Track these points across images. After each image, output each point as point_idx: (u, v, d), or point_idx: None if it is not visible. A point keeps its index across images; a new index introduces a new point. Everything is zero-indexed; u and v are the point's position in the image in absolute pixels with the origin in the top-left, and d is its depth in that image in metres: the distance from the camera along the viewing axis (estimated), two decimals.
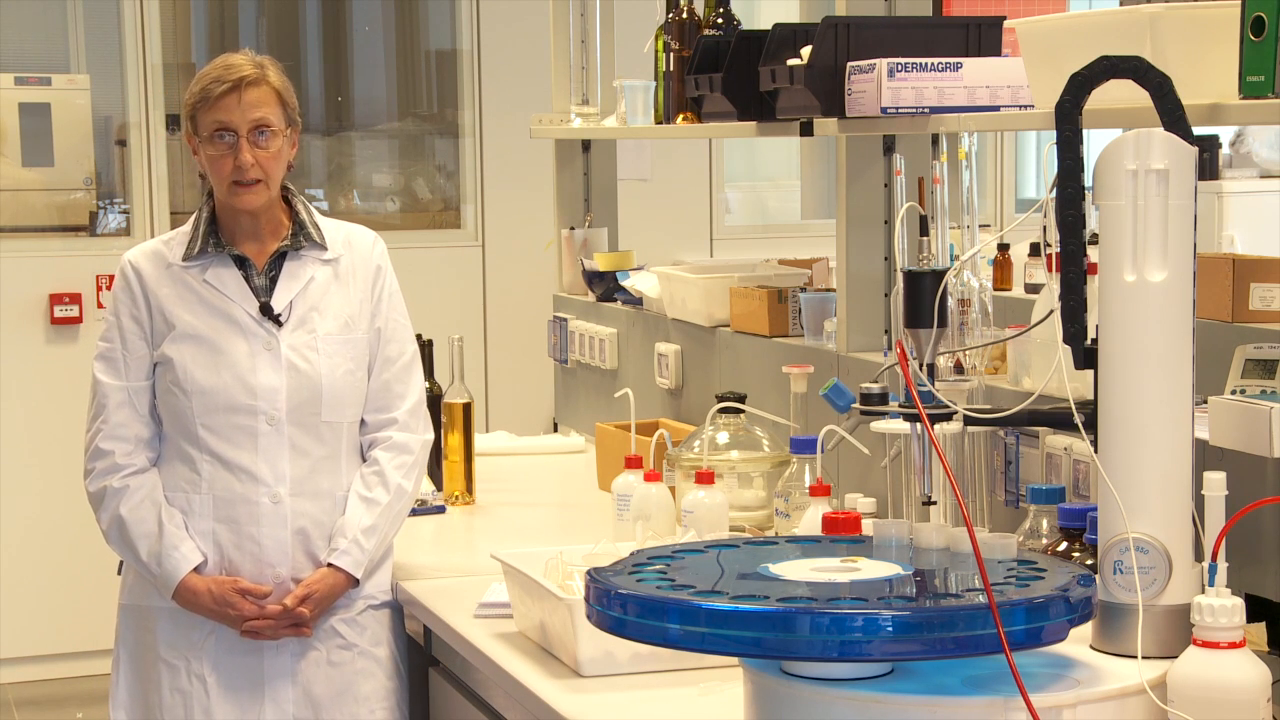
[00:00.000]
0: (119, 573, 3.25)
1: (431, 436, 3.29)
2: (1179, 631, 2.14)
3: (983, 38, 3.28)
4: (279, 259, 3.16)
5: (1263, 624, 2.34)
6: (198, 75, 3.13)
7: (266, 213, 3.15)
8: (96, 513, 3.15)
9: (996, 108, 3.07)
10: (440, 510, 3.87)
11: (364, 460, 3.20)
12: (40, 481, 6.34)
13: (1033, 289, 4.75)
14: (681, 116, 4.09)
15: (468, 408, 3.93)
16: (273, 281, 3.15)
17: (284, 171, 3.14)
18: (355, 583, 3.14)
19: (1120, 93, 2.30)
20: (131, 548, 3.11)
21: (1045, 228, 2.51)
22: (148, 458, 3.15)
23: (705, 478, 3.20)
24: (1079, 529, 2.54)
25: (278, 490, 3.10)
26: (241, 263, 3.15)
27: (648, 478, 3.31)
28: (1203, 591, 2.05)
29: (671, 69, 4.14)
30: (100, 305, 6.37)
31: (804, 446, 3.20)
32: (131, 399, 3.13)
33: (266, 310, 3.12)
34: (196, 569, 3.09)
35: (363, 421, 3.20)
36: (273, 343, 3.11)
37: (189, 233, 3.17)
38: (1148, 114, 2.25)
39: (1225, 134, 7.23)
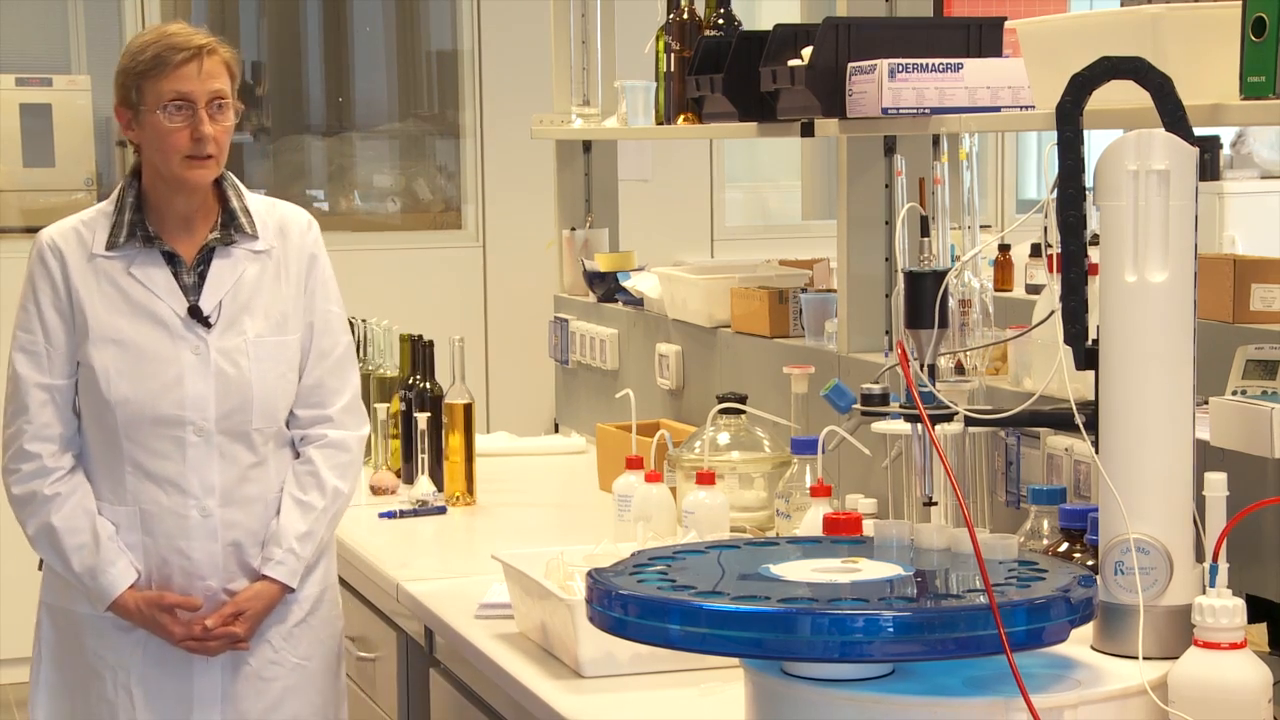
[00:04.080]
0: (39, 568, 3.13)
1: (367, 431, 3.14)
2: (1180, 632, 2.14)
3: (983, 38, 3.29)
4: (208, 254, 2.98)
5: (1264, 625, 2.34)
6: (140, 44, 2.94)
7: (203, 193, 2.97)
8: (21, 518, 3.01)
9: (997, 108, 3.07)
10: (441, 511, 3.87)
11: (296, 455, 3.06)
12: None
13: (1034, 290, 4.75)
14: (682, 117, 4.09)
15: (468, 408, 3.93)
16: (201, 278, 2.97)
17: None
18: (291, 590, 3.02)
19: (1121, 93, 2.30)
20: (63, 558, 2.98)
21: (1046, 228, 2.51)
22: (73, 456, 2.99)
23: (706, 478, 3.20)
24: (1080, 529, 2.54)
25: (206, 503, 2.96)
26: (170, 258, 2.96)
27: (649, 478, 3.31)
28: (1204, 592, 2.05)
29: (672, 69, 4.14)
30: None
31: (805, 447, 3.20)
32: (54, 397, 2.96)
33: (195, 312, 2.94)
34: (132, 585, 2.96)
35: (295, 415, 3.05)
36: (201, 347, 2.94)
37: (111, 215, 2.98)
38: (1149, 115, 2.25)
39: (1226, 135, 7.23)
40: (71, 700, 3.07)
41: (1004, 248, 5.02)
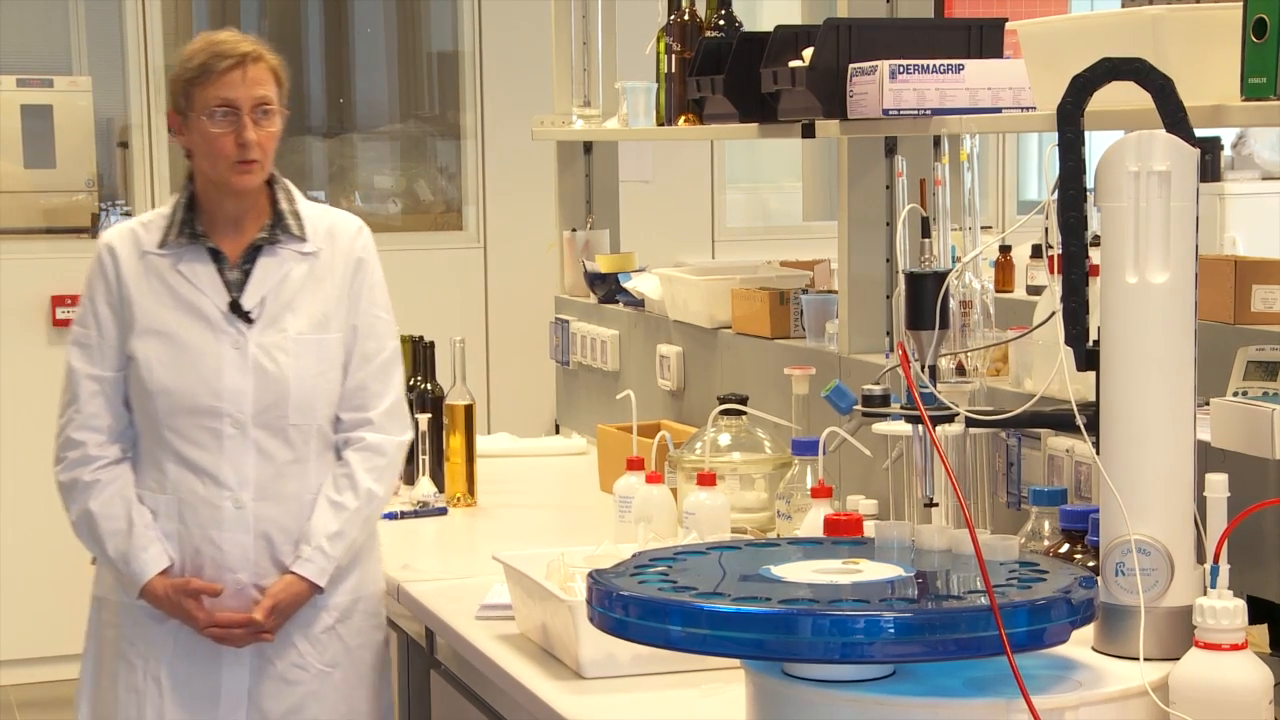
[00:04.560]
0: (93, 563, 3.18)
1: (408, 437, 3.20)
2: (1181, 633, 2.14)
3: (984, 39, 3.29)
4: (255, 252, 3.06)
5: (1264, 626, 2.34)
6: (189, 51, 3.03)
7: (253, 196, 3.05)
8: (66, 504, 3.09)
9: (998, 109, 3.07)
10: (442, 512, 3.87)
11: (339, 458, 3.11)
12: (42, 483, 6.26)
13: (1034, 291, 4.75)
14: (683, 118, 4.09)
15: (469, 409, 3.93)
16: (246, 275, 3.05)
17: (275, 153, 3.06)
18: (320, 590, 3.06)
19: (1122, 94, 2.30)
20: (99, 543, 3.05)
21: (1047, 229, 2.51)
22: (120, 448, 3.07)
23: (707, 479, 3.20)
24: (1081, 530, 2.54)
25: (240, 495, 3.02)
26: (216, 255, 3.05)
27: (649, 479, 3.31)
28: (1204, 593, 2.05)
29: (673, 70, 4.14)
30: None
31: (806, 448, 3.20)
32: (104, 389, 3.06)
33: (236, 307, 3.03)
34: (164, 572, 3.02)
35: (339, 419, 3.10)
36: (241, 341, 3.02)
37: (167, 216, 3.07)
38: (1149, 116, 2.25)
39: (1227, 136, 7.23)
40: (103, 689, 3.13)
41: (1005, 249, 5.02)
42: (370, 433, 3.10)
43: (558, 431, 5.09)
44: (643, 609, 2.09)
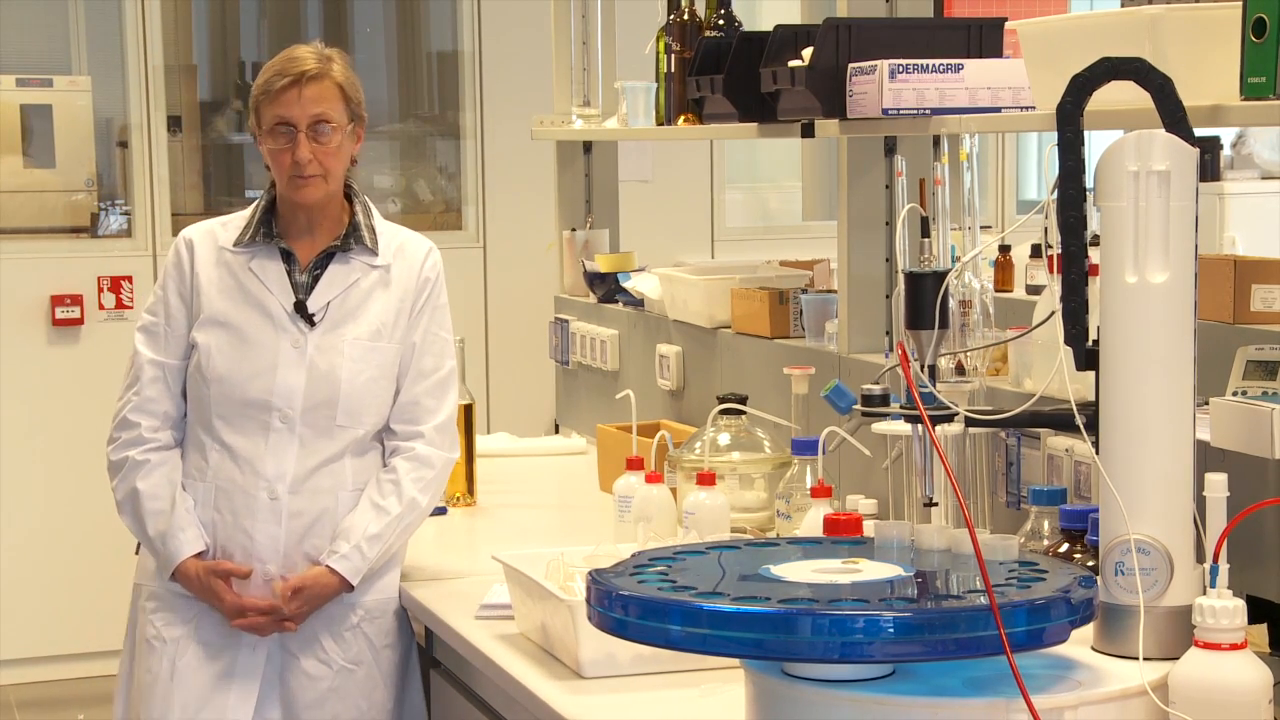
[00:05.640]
0: (136, 552, 3.26)
1: (457, 455, 3.27)
2: (1180, 633, 2.14)
3: (984, 39, 3.28)
4: (326, 259, 3.16)
5: (1264, 625, 2.34)
6: (265, 66, 3.13)
7: (325, 208, 3.16)
8: (113, 481, 3.17)
9: (998, 109, 3.07)
10: (442, 512, 3.87)
11: (385, 465, 3.18)
12: (42, 483, 6.35)
13: (1034, 290, 4.75)
14: (683, 118, 4.09)
15: (469, 409, 3.93)
16: (316, 280, 3.15)
17: (345, 166, 3.15)
18: (350, 588, 3.12)
19: (1121, 94, 2.30)
20: (140, 522, 3.14)
21: (1046, 229, 2.51)
22: (173, 435, 3.17)
23: (706, 479, 3.20)
24: (1080, 530, 2.54)
25: (276, 487, 3.10)
26: (288, 257, 3.16)
27: (649, 479, 3.31)
28: (1204, 593, 2.05)
29: (673, 70, 4.14)
30: (102, 307, 6.37)
31: (805, 448, 3.20)
32: (165, 375, 3.16)
33: (300, 308, 3.12)
34: (198, 555, 3.11)
35: (392, 430, 3.19)
36: (300, 341, 3.12)
37: (247, 218, 3.18)
38: (1149, 115, 2.25)
39: (1226, 135, 7.22)
40: (133, 672, 3.20)
41: (1004, 248, 5.02)
42: (421, 444, 3.18)
43: (557, 431, 5.09)
44: (643, 609, 2.09)
